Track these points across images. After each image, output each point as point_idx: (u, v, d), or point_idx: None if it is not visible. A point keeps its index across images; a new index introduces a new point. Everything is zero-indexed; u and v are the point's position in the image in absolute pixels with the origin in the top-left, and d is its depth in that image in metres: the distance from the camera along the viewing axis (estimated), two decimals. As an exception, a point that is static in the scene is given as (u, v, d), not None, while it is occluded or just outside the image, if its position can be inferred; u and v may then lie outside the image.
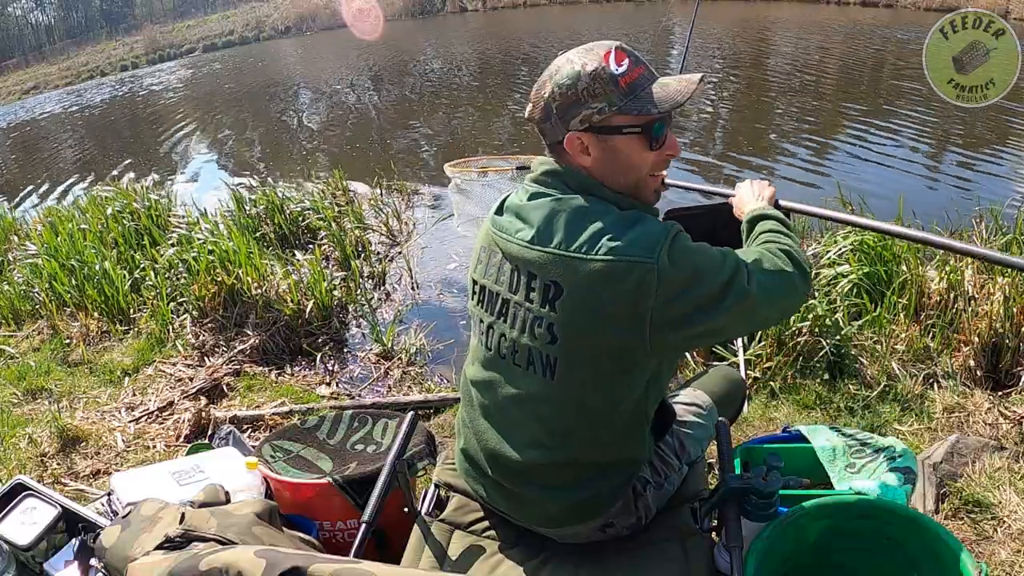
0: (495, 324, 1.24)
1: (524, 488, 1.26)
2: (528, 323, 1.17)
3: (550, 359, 1.16)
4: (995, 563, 1.73)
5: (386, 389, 3.04)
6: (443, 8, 24.50)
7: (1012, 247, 2.92)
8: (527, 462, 1.24)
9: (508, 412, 1.25)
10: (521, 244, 1.18)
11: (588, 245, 1.11)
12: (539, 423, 1.22)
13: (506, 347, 1.22)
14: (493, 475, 1.30)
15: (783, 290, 1.19)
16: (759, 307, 1.15)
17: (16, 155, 12.74)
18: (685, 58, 2.61)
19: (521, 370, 1.21)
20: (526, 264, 1.17)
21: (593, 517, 1.26)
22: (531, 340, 1.17)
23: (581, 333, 1.13)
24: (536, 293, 1.15)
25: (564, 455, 1.22)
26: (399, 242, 4.78)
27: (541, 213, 1.17)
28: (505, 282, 1.21)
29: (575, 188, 1.18)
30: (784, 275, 1.19)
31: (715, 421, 1.51)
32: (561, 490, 1.24)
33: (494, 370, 1.26)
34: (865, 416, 2.35)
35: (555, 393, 1.18)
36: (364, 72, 14.83)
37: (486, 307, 1.26)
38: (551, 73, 1.17)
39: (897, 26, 12.24)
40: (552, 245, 1.14)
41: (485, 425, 1.30)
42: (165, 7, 42.66)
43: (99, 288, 3.88)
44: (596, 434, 1.20)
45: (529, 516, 1.30)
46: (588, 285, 1.10)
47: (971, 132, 6.28)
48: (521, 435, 1.24)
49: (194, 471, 1.87)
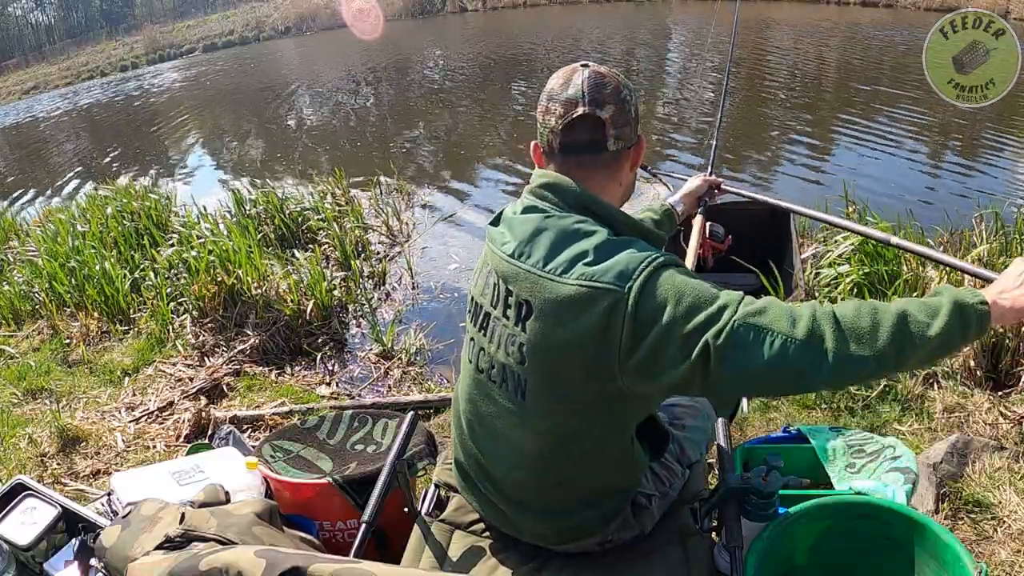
0: (476, 338, 1.21)
1: (514, 507, 1.24)
2: (503, 340, 1.14)
3: (521, 379, 1.12)
4: (995, 563, 1.73)
5: (386, 389, 3.04)
6: (443, 8, 24.49)
7: (1012, 247, 2.91)
8: (513, 482, 1.22)
9: (490, 430, 1.23)
10: (503, 257, 1.15)
11: (564, 267, 1.06)
12: (517, 444, 1.18)
13: (484, 363, 1.19)
14: (484, 491, 1.29)
15: (783, 361, 0.94)
16: (734, 367, 0.95)
17: (16, 155, 12.73)
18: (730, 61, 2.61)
19: (497, 387, 1.17)
20: (505, 279, 1.14)
21: (589, 536, 1.24)
22: (506, 358, 1.14)
23: (546, 358, 1.08)
24: (511, 310, 1.12)
25: (548, 478, 1.19)
26: (399, 242, 4.78)
27: (527, 228, 1.12)
28: (489, 296, 1.18)
29: (572, 205, 1.12)
30: (800, 345, 0.94)
31: (713, 421, 1.51)
32: (551, 513, 1.22)
33: (476, 386, 1.23)
34: (865, 416, 2.35)
35: (527, 416, 1.14)
36: (364, 72, 14.82)
37: (473, 321, 1.23)
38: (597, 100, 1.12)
39: (897, 26, 12.23)
40: (530, 262, 1.09)
41: (471, 442, 1.28)
42: (165, 7, 42.63)
43: (99, 288, 3.88)
44: (576, 462, 1.16)
45: (523, 533, 1.28)
46: (555, 309, 1.05)
47: (972, 132, 6.28)
48: (504, 455, 1.22)
49: (194, 471, 1.87)
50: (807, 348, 0.94)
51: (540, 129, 1.18)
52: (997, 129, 6.19)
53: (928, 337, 0.96)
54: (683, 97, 9.03)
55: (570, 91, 1.12)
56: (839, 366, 0.94)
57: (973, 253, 2.92)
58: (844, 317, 0.97)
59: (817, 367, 0.94)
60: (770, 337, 0.95)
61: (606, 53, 12.75)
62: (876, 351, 0.94)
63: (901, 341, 0.95)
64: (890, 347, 0.94)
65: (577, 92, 1.12)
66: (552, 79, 1.17)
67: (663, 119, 7.84)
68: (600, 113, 1.12)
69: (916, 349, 0.96)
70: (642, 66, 11.65)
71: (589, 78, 1.12)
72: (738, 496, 1.24)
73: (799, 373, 0.95)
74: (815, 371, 0.95)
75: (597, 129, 1.13)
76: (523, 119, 8.57)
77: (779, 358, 0.94)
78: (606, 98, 1.12)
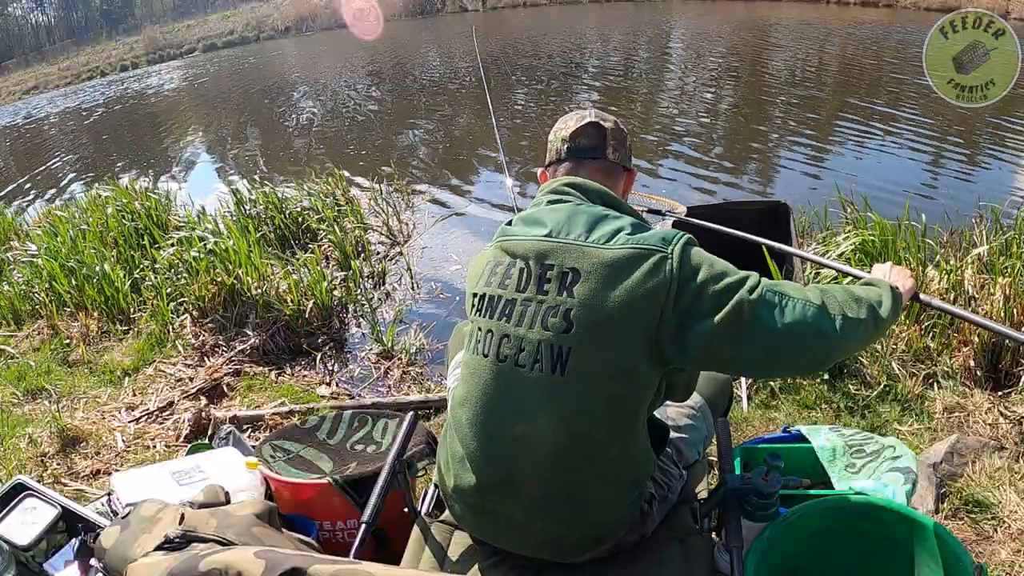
0: (496, 327, 1.20)
1: (529, 516, 1.20)
2: (540, 316, 1.15)
3: (562, 351, 1.13)
4: (995, 563, 1.73)
5: (386, 389, 3.04)
6: (443, 8, 24.50)
7: (1012, 246, 2.91)
8: (530, 484, 1.18)
9: (509, 426, 1.18)
10: (536, 239, 1.21)
11: (607, 238, 1.17)
12: (540, 436, 1.15)
13: (509, 348, 1.17)
14: (500, 508, 1.22)
15: (804, 322, 1.13)
16: (764, 325, 1.11)
17: (16, 155, 12.74)
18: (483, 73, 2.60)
19: (525, 371, 1.16)
20: (540, 256, 1.19)
21: (601, 544, 1.22)
22: (541, 333, 1.15)
23: (596, 318, 1.13)
24: (551, 283, 1.17)
25: (579, 470, 1.16)
26: (399, 242, 4.78)
27: (560, 215, 1.23)
28: (512, 284, 1.20)
29: (595, 200, 1.28)
30: (817, 309, 1.14)
31: (709, 420, 1.51)
32: (567, 517, 1.18)
33: (492, 379, 1.19)
34: (865, 416, 2.35)
35: (564, 390, 1.13)
36: (364, 72, 14.83)
37: (485, 313, 1.22)
38: (601, 116, 1.39)
39: (897, 26, 12.24)
40: (571, 237, 1.19)
41: (485, 451, 1.21)
42: (165, 7, 42.64)
43: (99, 288, 3.88)
44: (608, 438, 1.15)
45: (539, 549, 1.24)
46: (604, 271, 1.14)
47: (972, 132, 6.28)
48: (524, 457, 1.17)
49: (194, 471, 1.87)
50: (823, 312, 1.14)
51: (550, 147, 1.39)
52: (997, 129, 6.19)
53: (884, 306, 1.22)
54: (683, 96, 9.04)
55: (578, 116, 1.39)
56: (845, 328, 1.15)
57: (973, 253, 2.92)
58: (838, 293, 1.20)
59: (832, 327, 1.14)
60: (792, 302, 1.14)
61: (606, 52, 12.75)
62: (864, 317, 1.18)
63: (874, 311, 1.20)
64: (870, 316, 1.19)
65: (585, 114, 1.39)
66: (561, 120, 1.41)
67: (664, 115, 7.86)
68: (603, 123, 1.36)
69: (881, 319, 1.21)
70: (642, 65, 11.66)
71: (596, 111, 1.41)
72: (738, 496, 1.23)
73: (819, 332, 1.13)
74: (831, 330, 1.13)
75: (600, 136, 1.35)
76: (523, 119, 8.58)
77: (802, 317, 1.13)
78: (608, 117, 1.39)
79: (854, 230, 3.25)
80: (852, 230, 3.27)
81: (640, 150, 6.56)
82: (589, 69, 11.55)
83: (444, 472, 1.30)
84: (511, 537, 1.25)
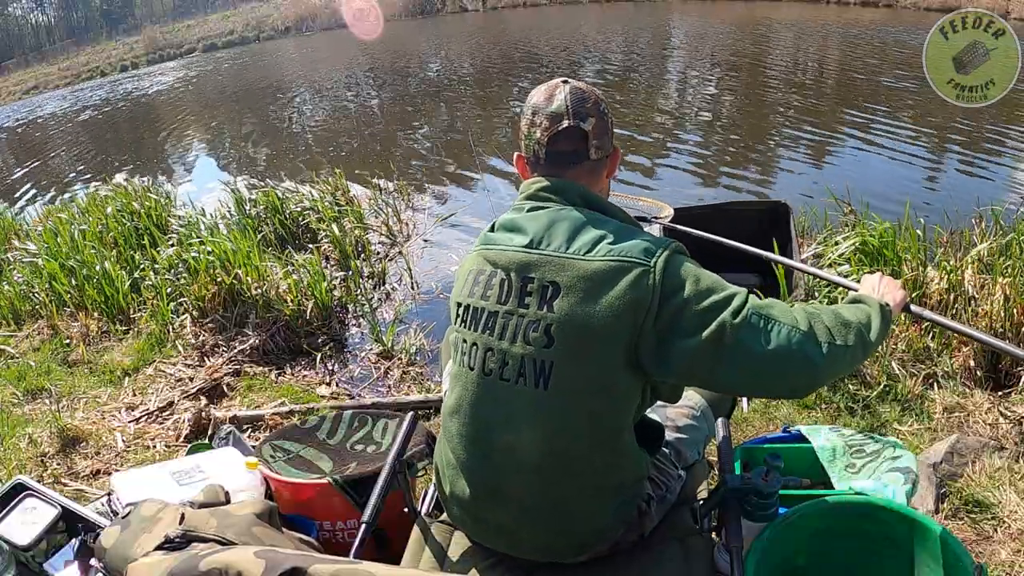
0: (480, 340, 1.18)
1: (521, 522, 1.20)
2: (522, 330, 1.14)
3: (544, 366, 1.12)
4: (995, 563, 1.73)
5: (386, 389, 3.04)
6: (443, 8, 24.50)
7: (1012, 247, 2.91)
8: (522, 493, 1.18)
9: (496, 439, 1.18)
10: (517, 249, 1.17)
11: (588, 248, 1.13)
12: (528, 446, 1.15)
13: (493, 362, 1.17)
14: (491, 516, 1.23)
15: (789, 348, 1.09)
16: (747, 349, 1.08)
17: (16, 155, 12.74)
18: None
19: (512, 384, 1.15)
20: (521, 269, 1.16)
21: (599, 545, 1.23)
22: (523, 348, 1.14)
23: (576, 333, 1.11)
24: (532, 297, 1.14)
25: (560, 485, 1.16)
26: (399, 242, 4.78)
27: (539, 223, 1.19)
28: (494, 295, 1.18)
29: (575, 203, 1.21)
30: (803, 336, 1.10)
31: (709, 421, 1.51)
32: (560, 524, 1.19)
33: (482, 391, 1.19)
34: (865, 416, 2.35)
35: (546, 407, 1.13)
36: (364, 72, 14.83)
37: (469, 325, 1.21)
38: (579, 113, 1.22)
39: (897, 26, 12.23)
40: (551, 248, 1.15)
41: (474, 461, 1.22)
42: (165, 7, 42.63)
43: (99, 288, 3.88)
44: (590, 453, 1.15)
45: (533, 553, 1.25)
46: (584, 285, 1.11)
47: (972, 132, 6.28)
48: (511, 467, 1.18)
49: (194, 471, 1.87)
50: (809, 338, 1.10)
51: (525, 141, 1.27)
52: (997, 129, 6.19)
53: (873, 328, 1.18)
54: (683, 96, 9.03)
55: (554, 105, 1.22)
56: (832, 355, 1.11)
57: (972, 253, 2.92)
58: (826, 316, 1.15)
59: (819, 354, 1.10)
60: (777, 326, 1.10)
61: (607, 54, 12.76)
62: (852, 344, 1.14)
63: (862, 336, 1.16)
64: (858, 341, 1.15)
65: (561, 106, 1.22)
66: (534, 94, 1.26)
67: (664, 115, 7.85)
68: (584, 125, 1.22)
69: (870, 343, 1.18)
70: (642, 65, 11.66)
71: (571, 93, 1.23)
72: (738, 496, 1.23)
73: (804, 359, 1.09)
74: (817, 358, 1.10)
75: (581, 140, 1.23)
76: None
77: (787, 343, 1.09)
78: (588, 111, 1.23)
79: (854, 230, 3.25)
80: (852, 230, 3.27)
81: (640, 150, 6.56)
82: (589, 69, 11.55)
83: (441, 477, 1.31)
84: (504, 542, 1.26)
